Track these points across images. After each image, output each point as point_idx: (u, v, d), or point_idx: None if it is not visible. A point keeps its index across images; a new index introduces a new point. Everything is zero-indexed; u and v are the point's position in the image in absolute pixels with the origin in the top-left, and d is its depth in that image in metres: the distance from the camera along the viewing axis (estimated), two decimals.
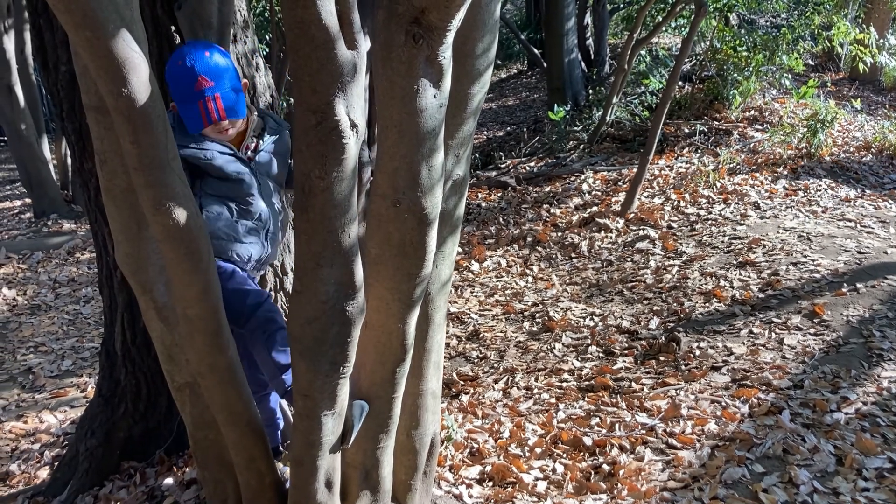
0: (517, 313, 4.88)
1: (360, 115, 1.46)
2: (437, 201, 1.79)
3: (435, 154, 1.74)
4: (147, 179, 1.51)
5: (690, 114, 7.89)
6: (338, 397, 1.85)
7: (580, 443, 3.19)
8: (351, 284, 1.64)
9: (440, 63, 1.63)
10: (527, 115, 13.18)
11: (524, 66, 18.59)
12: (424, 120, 1.67)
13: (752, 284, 4.64)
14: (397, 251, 1.82)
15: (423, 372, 2.33)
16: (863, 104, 8.51)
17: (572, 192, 6.72)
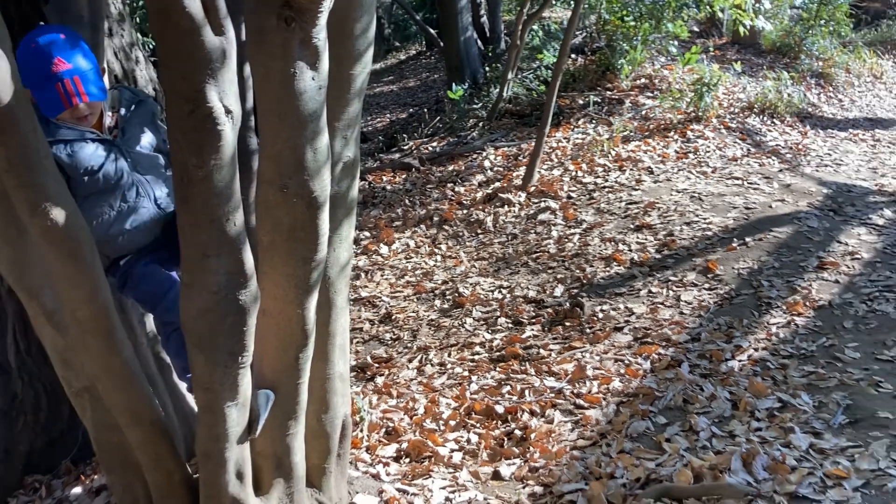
0: (428, 292, 4.93)
1: (234, 101, 1.45)
2: (325, 184, 1.80)
3: (319, 136, 1.74)
4: (19, 181, 1.46)
5: (584, 85, 8.08)
6: (240, 387, 1.84)
7: (493, 411, 3.27)
8: (241, 273, 1.64)
9: (315, 45, 1.64)
10: (428, 95, 13.21)
11: (423, 46, 18.58)
12: (304, 103, 1.67)
13: (649, 246, 4.83)
14: (289, 236, 1.82)
15: (329, 356, 2.34)
16: (745, 66, 8.92)
17: (475, 169, 6.80)
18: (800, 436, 2.77)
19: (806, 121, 7.38)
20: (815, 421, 2.87)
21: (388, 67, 18.55)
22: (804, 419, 2.90)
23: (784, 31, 9.78)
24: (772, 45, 9.73)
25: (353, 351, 4.36)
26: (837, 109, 8.10)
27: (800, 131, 7.05)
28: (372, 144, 8.98)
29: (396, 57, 19.43)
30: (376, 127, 11.67)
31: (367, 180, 7.13)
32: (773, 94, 7.37)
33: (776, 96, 7.33)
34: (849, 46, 10.09)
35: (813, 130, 7.13)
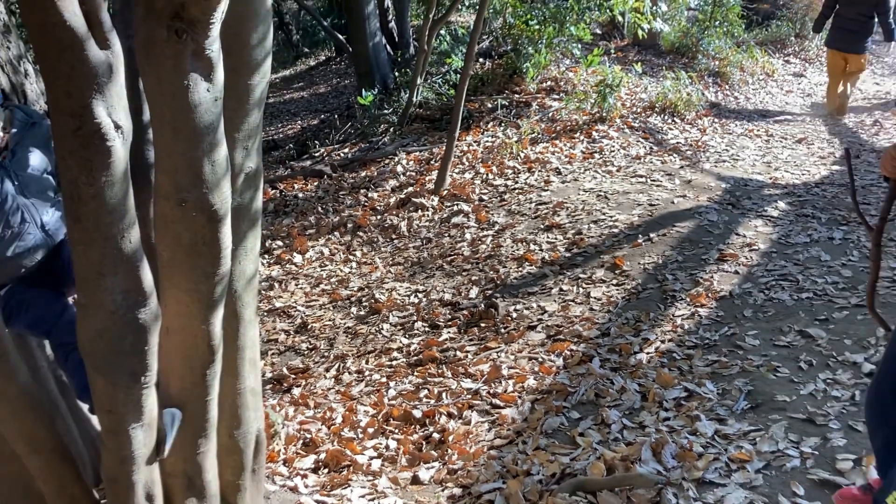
0: (344, 300, 4.90)
1: (123, 116, 1.41)
2: (225, 196, 1.77)
3: (216, 149, 1.72)
4: None
5: (492, 89, 8.19)
6: (144, 408, 1.79)
7: (411, 416, 3.28)
8: (139, 291, 1.60)
9: (209, 56, 1.61)
10: (339, 101, 13.12)
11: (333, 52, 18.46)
12: (200, 115, 1.64)
13: (559, 245, 4.94)
14: (190, 251, 1.78)
15: (240, 370, 2.30)
16: (645, 67, 9.22)
17: (387, 174, 6.80)
18: (705, 423, 2.89)
19: (705, 118, 7.69)
20: (719, 408, 3.00)
21: (298, 73, 18.34)
22: (709, 407, 3.02)
23: (682, 32, 10.17)
24: (671, 45, 10.10)
25: (269, 363, 4.30)
26: (734, 106, 8.47)
27: (699, 129, 7.34)
28: (283, 152, 8.86)
29: (306, 63, 19.24)
30: (287, 134, 11.52)
31: (279, 188, 7.03)
32: (673, 93, 7.64)
33: (676, 96, 7.61)
34: (742, 46, 10.56)
35: (711, 127, 7.44)
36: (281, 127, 12.69)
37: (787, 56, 11.40)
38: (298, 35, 20.40)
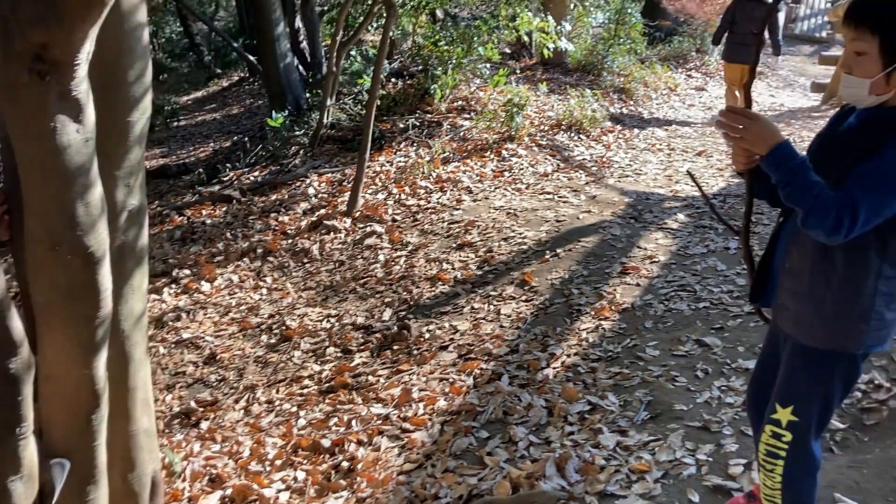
0: (254, 328, 4.83)
1: None
2: (101, 238, 1.73)
3: (90, 190, 1.68)
4: None
5: (404, 109, 8.24)
6: (22, 460, 1.72)
7: (319, 446, 3.25)
8: (9, 341, 1.54)
9: (76, 97, 1.58)
10: (253, 122, 12.95)
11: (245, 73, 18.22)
12: (70, 157, 1.60)
13: (470, 263, 5.00)
14: (67, 296, 1.73)
15: (131, 412, 2.24)
16: (553, 85, 9.45)
17: (299, 197, 6.75)
18: (608, 435, 2.97)
19: (610, 134, 7.91)
20: (620, 420, 3.09)
21: (211, 95, 18.03)
22: (611, 419, 3.10)
23: (587, 50, 10.46)
24: (577, 63, 10.38)
25: (177, 396, 4.19)
26: (638, 121, 8.76)
27: (604, 145, 7.56)
28: (192, 177, 8.68)
29: (219, 84, 18.92)
30: (199, 157, 11.29)
31: (186, 215, 6.88)
32: (578, 111, 7.85)
33: (581, 113, 7.82)
34: (645, 62, 10.94)
35: (616, 143, 7.67)
36: (192, 150, 12.43)
37: (688, 71, 11.86)
38: (210, 56, 20.05)
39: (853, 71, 1.70)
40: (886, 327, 1.80)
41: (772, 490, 1.97)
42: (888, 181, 1.62)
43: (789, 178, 1.68)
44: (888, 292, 1.76)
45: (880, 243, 1.72)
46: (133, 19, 1.96)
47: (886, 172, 1.62)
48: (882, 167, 1.62)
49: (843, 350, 1.82)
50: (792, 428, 1.89)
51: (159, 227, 6.66)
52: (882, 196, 1.62)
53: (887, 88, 1.67)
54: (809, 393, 1.87)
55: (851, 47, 1.69)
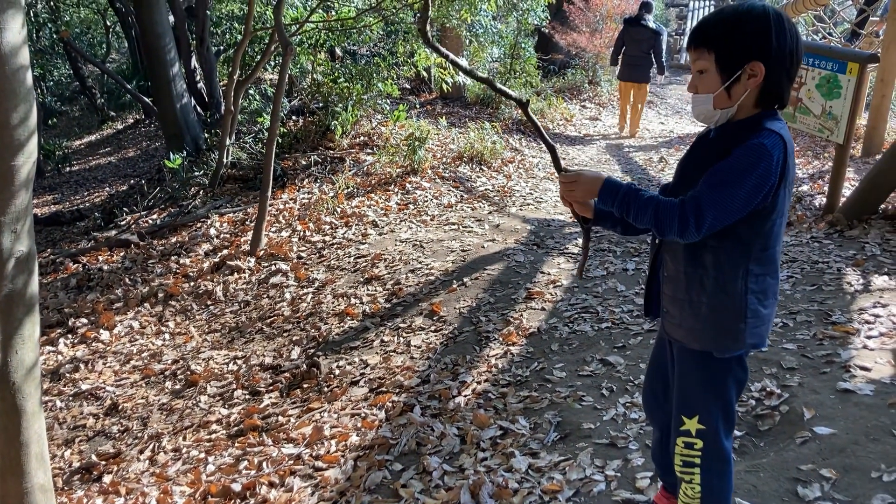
0: (157, 375, 4.67)
1: None
2: None
3: None
4: None
5: (306, 146, 8.22)
6: None
7: (230, 491, 3.16)
8: None
9: None
10: (150, 165, 12.63)
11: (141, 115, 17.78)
12: None
13: (378, 297, 4.99)
14: None
15: (25, 468, 2.14)
16: (453, 119, 9.63)
17: (200, 238, 6.60)
18: (520, 458, 3.00)
19: (510, 164, 8.11)
20: (532, 442, 3.13)
21: (105, 138, 17.48)
22: (523, 442, 3.14)
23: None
24: (476, 97, 10.63)
25: (77, 451, 4.00)
26: (536, 152, 9.01)
27: (505, 175, 7.73)
28: (88, 222, 8.36)
29: (113, 127, 18.38)
30: (94, 202, 10.91)
31: (81, 262, 6.60)
32: (479, 143, 8.02)
33: (481, 145, 7.99)
34: (541, 95, 11.30)
35: (517, 173, 7.86)
36: (87, 195, 12.01)
37: (582, 102, 12.32)
38: (103, 99, 19.47)
39: (698, 89, 1.82)
40: (764, 324, 1.90)
41: (692, 499, 2.05)
42: (730, 175, 1.70)
43: (626, 204, 1.81)
44: (759, 290, 1.85)
45: (742, 244, 1.81)
46: (15, 62, 1.90)
47: (729, 168, 1.71)
48: (725, 164, 1.72)
49: (726, 350, 1.92)
50: (701, 435, 1.98)
51: (53, 276, 6.37)
52: (724, 189, 1.70)
53: (729, 102, 1.79)
54: (706, 398, 1.96)
55: (695, 67, 1.82)
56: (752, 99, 1.79)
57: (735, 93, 1.78)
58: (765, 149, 1.68)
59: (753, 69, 1.74)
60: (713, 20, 1.79)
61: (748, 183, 1.68)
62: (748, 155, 1.69)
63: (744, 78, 1.75)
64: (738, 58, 1.74)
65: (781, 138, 1.73)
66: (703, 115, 1.85)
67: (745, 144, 1.71)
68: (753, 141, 1.70)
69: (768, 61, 1.74)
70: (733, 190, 1.69)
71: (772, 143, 1.70)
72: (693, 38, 1.81)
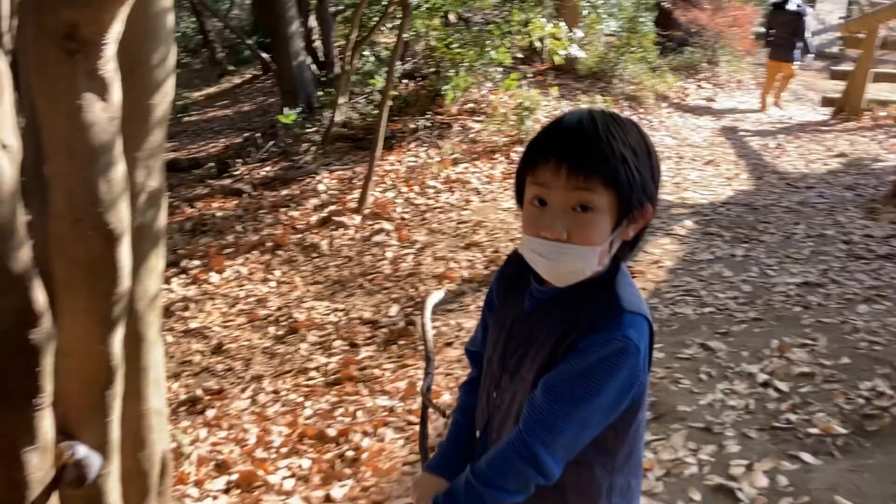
0: (262, 320, 4.86)
1: (11, 135, 1.41)
2: (122, 216, 1.77)
3: (113, 168, 1.71)
4: None
5: (415, 110, 8.28)
6: (38, 431, 1.76)
7: (325, 435, 3.29)
8: (31, 311, 1.57)
9: (103, 76, 1.61)
10: (264, 119, 13.01)
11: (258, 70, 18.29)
12: (95, 135, 1.64)
13: (477, 263, 5.03)
14: (87, 272, 1.77)
15: (143, 392, 2.28)
16: (564, 91, 9.46)
17: (309, 193, 6.79)
18: None
19: None
20: None
21: (223, 91, 18.10)
22: None
23: (599, 57, 10.49)
24: (588, 70, 10.40)
25: (184, 384, 4.23)
26: (647, 129, 8.77)
27: None
28: (204, 170, 8.73)
29: (231, 80, 19.00)
30: (210, 152, 11.34)
31: (197, 207, 6.93)
32: None
33: None
34: (656, 71, 10.96)
35: None
36: (203, 145, 12.49)
37: (699, 81, 11.88)
38: (223, 53, 20.15)
39: (573, 237, 1.18)
40: None
41: None
42: (586, 387, 1.19)
43: (475, 494, 1.28)
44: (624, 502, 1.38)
45: (607, 456, 1.31)
46: (159, 4, 2.00)
47: (583, 374, 1.19)
48: (575, 368, 1.20)
49: None
50: None
51: (170, 219, 6.70)
52: (577, 405, 1.20)
53: (608, 255, 1.23)
54: None
55: (569, 200, 1.17)
56: (612, 252, 1.25)
57: (615, 242, 1.23)
58: (630, 345, 1.17)
59: (646, 213, 1.23)
60: (598, 139, 1.16)
61: (609, 392, 1.19)
62: (609, 358, 1.17)
63: (635, 223, 1.23)
64: (642, 195, 1.19)
65: (645, 318, 1.23)
66: (572, 275, 1.22)
67: (603, 338, 1.18)
68: (614, 334, 1.17)
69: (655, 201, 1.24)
70: (590, 404, 1.19)
71: (638, 334, 1.19)
72: (576, 158, 1.16)
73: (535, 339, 1.28)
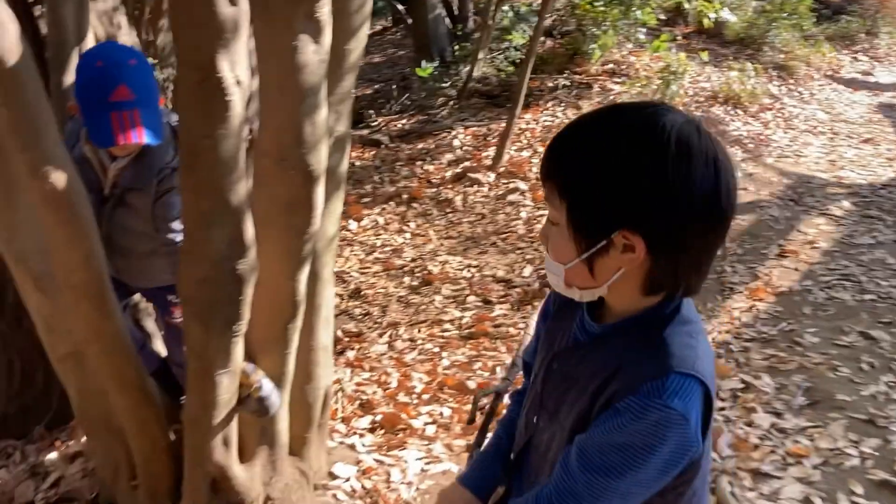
0: (397, 269, 4.96)
1: (244, 72, 1.46)
2: (322, 157, 1.82)
3: (318, 110, 1.76)
4: (21, 143, 1.46)
5: (553, 68, 8.12)
6: (232, 356, 1.86)
7: (464, 387, 3.33)
8: (242, 243, 1.65)
9: (319, 19, 1.65)
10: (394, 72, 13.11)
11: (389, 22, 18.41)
12: (306, 76, 1.68)
13: None
14: (285, 209, 1.84)
15: (314, 327, 2.37)
16: (710, 56, 9.05)
17: (444, 148, 6.82)
18: (762, 416, 2.89)
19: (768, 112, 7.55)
20: (776, 402, 3.00)
21: None
22: (766, 400, 3.02)
23: (748, 22, 9.94)
24: (736, 35, 9.88)
25: None
26: (797, 102, 8.30)
27: (762, 122, 7.22)
28: None
29: None
30: None
31: None
32: (737, 84, 7.51)
33: (740, 87, 7.48)
34: (810, 40, 10.30)
35: (774, 121, 7.31)
36: None
37: (855, 53, 11.10)
38: None
39: (548, 247, 1.08)
40: None
41: None
42: (622, 457, 0.99)
43: None
44: None
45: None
46: None
47: (618, 445, 0.99)
48: (610, 436, 1.00)
49: None
50: None
51: None
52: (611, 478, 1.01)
53: (594, 282, 1.03)
54: None
55: (548, 207, 1.06)
56: (637, 283, 1.02)
57: (600, 269, 1.01)
58: (672, 416, 0.95)
59: (629, 240, 0.97)
60: (570, 137, 1.01)
61: (652, 465, 0.98)
62: (648, 429, 0.96)
63: (614, 251, 0.98)
64: (602, 218, 0.98)
65: (698, 381, 0.98)
66: (556, 287, 1.11)
67: (641, 404, 0.97)
68: (654, 402, 0.96)
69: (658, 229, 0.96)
70: (629, 479, 1.00)
71: (686, 401, 0.96)
72: (542, 165, 1.04)
73: (576, 380, 1.10)
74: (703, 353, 1.02)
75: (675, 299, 1.03)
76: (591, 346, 1.11)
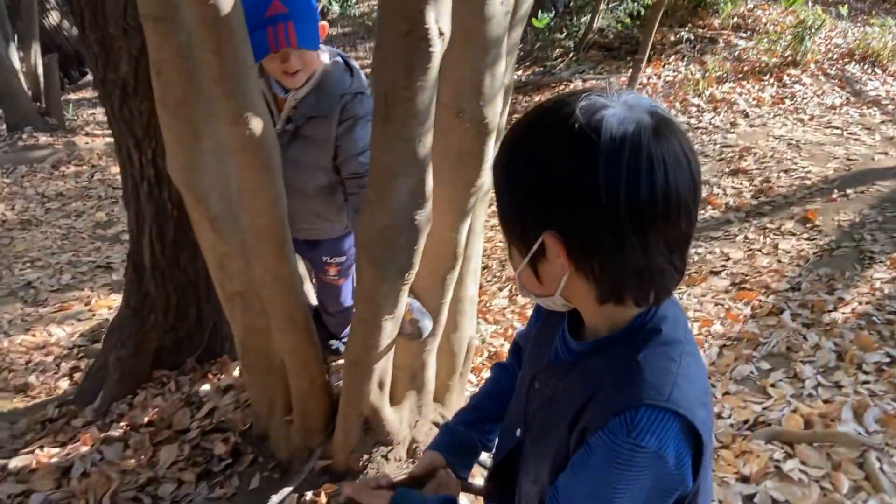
0: None
1: (446, 24, 1.46)
2: (497, 110, 1.82)
3: (499, 62, 1.75)
4: (227, 90, 1.51)
5: (675, 21, 7.84)
6: (399, 302, 1.91)
7: None
8: (422, 194, 1.68)
9: None
10: None
11: None
12: (492, 27, 1.67)
13: (744, 192, 4.76)
14: (457, 161, 1.85)
15: (464, 278, 2.39)
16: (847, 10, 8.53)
17: None
18: None
19: None
20: None
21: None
22: None
23: None
24: None
25: None
26: None
27: None
28: None
29: None
30: None
31: None
32: (877, 41, 7.05)
33: (879, 44, 7.02)
34: None
35: None
36: None
37: None
38: None
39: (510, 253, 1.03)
40: None
41: None
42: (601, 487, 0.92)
43: None
44: None
45: None
46: None
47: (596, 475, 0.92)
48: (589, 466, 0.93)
49: None
50: None
51: None
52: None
53: (542, 288, 0.98)
54: None
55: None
56: (587, 290, 0.95)
57: (545, 275, 0.97)
58: (645, 457, 0.88)
59: (550, 243, 0.91)
60: (505, 139, 0.98)
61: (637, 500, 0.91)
62: (621, 469, 0.89)
63: (552, 256, 0.92)
64: (521, 220, 0.94)
65: (673, 414, 0.89)
66: (520, 293, 1.15)
67: (609, 442, 0.89)
68: (621, 441, 0.88)
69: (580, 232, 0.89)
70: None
71: (660, 440, 0.88)
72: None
73: (557, 403, 1.05)
74: (684, 377, 0.92)
75: (646, 310, 0.97)
76: (571, 365, 1.06)
